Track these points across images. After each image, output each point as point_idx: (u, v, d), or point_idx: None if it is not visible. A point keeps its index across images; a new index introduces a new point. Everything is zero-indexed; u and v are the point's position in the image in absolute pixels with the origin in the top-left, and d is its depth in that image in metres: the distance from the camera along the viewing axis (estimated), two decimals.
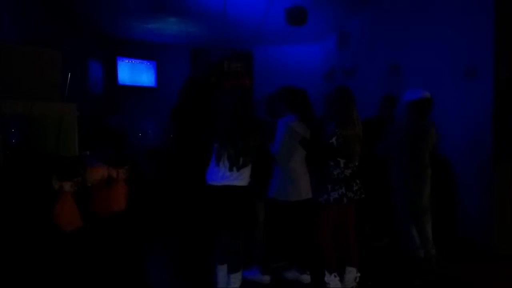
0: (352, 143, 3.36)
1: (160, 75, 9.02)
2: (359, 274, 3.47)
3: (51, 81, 3.87)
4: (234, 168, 3.16)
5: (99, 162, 3.58)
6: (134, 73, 8.75)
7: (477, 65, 4.07)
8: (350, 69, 7.19)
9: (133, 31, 7.93)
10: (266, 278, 3.72)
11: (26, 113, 3.42)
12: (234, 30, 7.75)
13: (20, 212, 2.87)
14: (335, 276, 3.40)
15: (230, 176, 3.21)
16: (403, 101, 3.67)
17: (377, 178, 4.06)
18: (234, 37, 8.26)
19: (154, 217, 4.94)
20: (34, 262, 2.85)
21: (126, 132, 7.15)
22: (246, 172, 3.27)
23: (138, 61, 8.81)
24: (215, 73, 6.07)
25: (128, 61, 8.68)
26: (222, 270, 3.37)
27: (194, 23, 7.30)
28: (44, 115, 3.56)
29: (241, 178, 3.23)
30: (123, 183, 3.72)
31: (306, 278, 3.73)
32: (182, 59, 9.16)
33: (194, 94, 4.52)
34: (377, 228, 4.45)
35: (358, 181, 3.44)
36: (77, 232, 3.05)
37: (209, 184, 3.24)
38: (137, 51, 8.74)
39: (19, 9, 4.80)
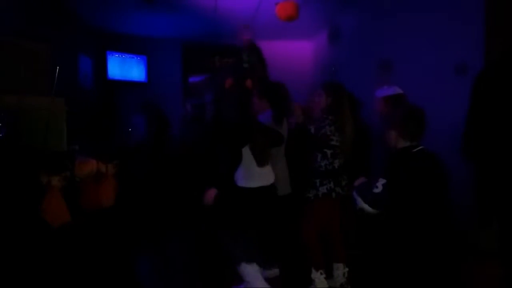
0: (342, 134, 3.36)
1: (151, 69, 8.95)
2: (347, 269, 3.46)
3: (39, 75, 3.84)
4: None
5: (88, 156, 3.56)
6: (124, 67, 8.66)
7: (468, 62, 4.08)
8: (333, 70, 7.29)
9: (123, 25, 7.85)
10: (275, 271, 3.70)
11: (14, 107, 3.38)
12: (226, 24, 7.71)
13: (7, 207, 2.84)
14: (321, 274, 3.39)
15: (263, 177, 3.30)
16: (375, 98, 3.66)
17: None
18: (225, 31, 8.21)
19: (144, 212, 4.91)
20: (22, 258, 2.82)
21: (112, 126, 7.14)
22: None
23: (128, 55, 8.72)
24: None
25: (118, 56, 8.60)
26: (252, 267, 3.26)
27: (185, 17, 7.25)
28: (33, 109, 3.52)
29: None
30: (112, 178, 3.70)
31: (275, 271, 3.70)
32: (173, 54, 9.10)
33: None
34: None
35: (346, 176, 3.44)
36: (65, 227, 3.03)
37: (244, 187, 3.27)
38: (128, 46, 8.65)
39: (6, 2, 4.73)
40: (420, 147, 2.64)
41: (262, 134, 3.31)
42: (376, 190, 2.49)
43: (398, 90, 3.51)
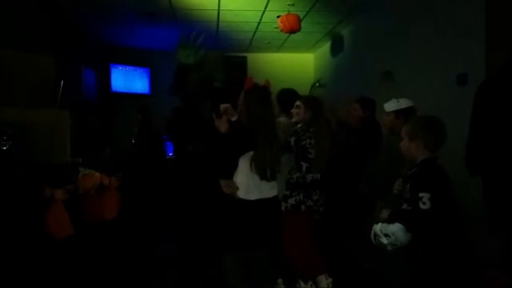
0: (319, 147, 3.35)
1: (154, 82, 8.99)
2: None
3: (43, 88, 3.86)
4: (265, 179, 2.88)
5: (91, 169, 3.57)
6: (127, 80, 8.71)
7: (469, 73, 4.08)
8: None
9: (126, 37, 7.92)
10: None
11: (18, 120, 3.40)
12: (228, 37, 7.77)
13: (12, 220, 2.84)
14: (311, 286, 3.37)
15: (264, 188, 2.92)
16: (385, 112, 3.54)
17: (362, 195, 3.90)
18: (228, 43, 8.27)
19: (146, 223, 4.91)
20: (26, 270, 2.82)
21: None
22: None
23: (131, 68, 8.78)
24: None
25: (122, 68, 8.65)
26: None
27: (188, 29, 7.28)
28: (36, 122, 3.54)
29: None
30: (115, 191, 3.70)
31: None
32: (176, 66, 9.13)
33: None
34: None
35: (319, 191, 3.40)
36: (69, 239, 3.03)
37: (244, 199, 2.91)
38: (131, 58, 8.71)
39: (12, 15, 4.78)
40: (439, 158, 2.48)
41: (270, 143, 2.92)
42: (424, 207, 2.20)
43: (409, 103, 3.43)
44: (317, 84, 8.32)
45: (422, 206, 2.21)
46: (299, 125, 3.43)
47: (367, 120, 4.25)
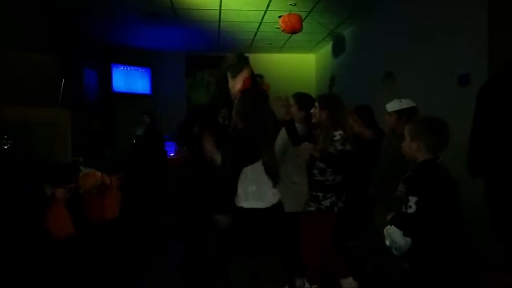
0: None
1: (155, 82, 9.00)
2: (356, 282, 3.40)
3: (45, 88, 3.86)
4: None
5: (92, 168, 3.56)
6: (129, 80, 8.71)
7: (471, 73, 4.07)
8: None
9: (128, 37, 7.92)
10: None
11: (20, 120, 3.40)
12: (230, 37, 7.77)
13: (12, 218, 2.84)
14: None
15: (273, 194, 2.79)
16: (387, 112, 3.53)
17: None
18: (229, 44, 8.27)
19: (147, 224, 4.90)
20: (26, 269, 2.81)
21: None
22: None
23: (133, 68, 8.77)
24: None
25: (123, 68, 8.64)
26: None
27: (189, 30, 7.30)
28: (38, 122, 3.54)
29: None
30: (116, 190, 3.70)
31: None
32: (178, 66, 9.14)
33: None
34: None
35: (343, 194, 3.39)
36: (69, 239, 3.02)
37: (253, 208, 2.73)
38: (132, 58, 8.71)
39: (13, 16, 4.78)
40: (440, 159, 2.42)
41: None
42: (410, 210, 2.18)
43: (411, 103, 3.42)
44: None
45: (408, 210, 2.21)
46: (340, 132, 3.31)
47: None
